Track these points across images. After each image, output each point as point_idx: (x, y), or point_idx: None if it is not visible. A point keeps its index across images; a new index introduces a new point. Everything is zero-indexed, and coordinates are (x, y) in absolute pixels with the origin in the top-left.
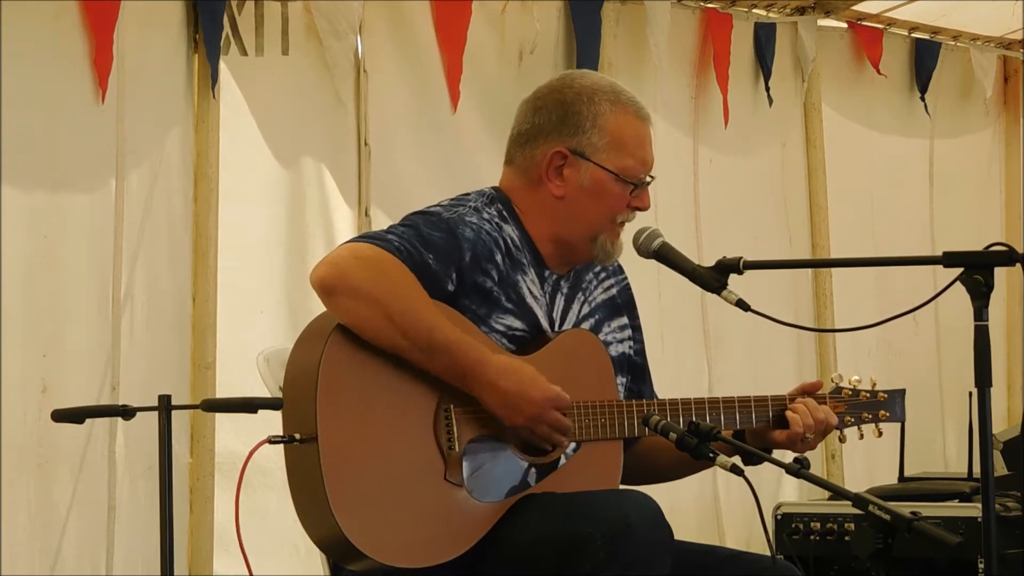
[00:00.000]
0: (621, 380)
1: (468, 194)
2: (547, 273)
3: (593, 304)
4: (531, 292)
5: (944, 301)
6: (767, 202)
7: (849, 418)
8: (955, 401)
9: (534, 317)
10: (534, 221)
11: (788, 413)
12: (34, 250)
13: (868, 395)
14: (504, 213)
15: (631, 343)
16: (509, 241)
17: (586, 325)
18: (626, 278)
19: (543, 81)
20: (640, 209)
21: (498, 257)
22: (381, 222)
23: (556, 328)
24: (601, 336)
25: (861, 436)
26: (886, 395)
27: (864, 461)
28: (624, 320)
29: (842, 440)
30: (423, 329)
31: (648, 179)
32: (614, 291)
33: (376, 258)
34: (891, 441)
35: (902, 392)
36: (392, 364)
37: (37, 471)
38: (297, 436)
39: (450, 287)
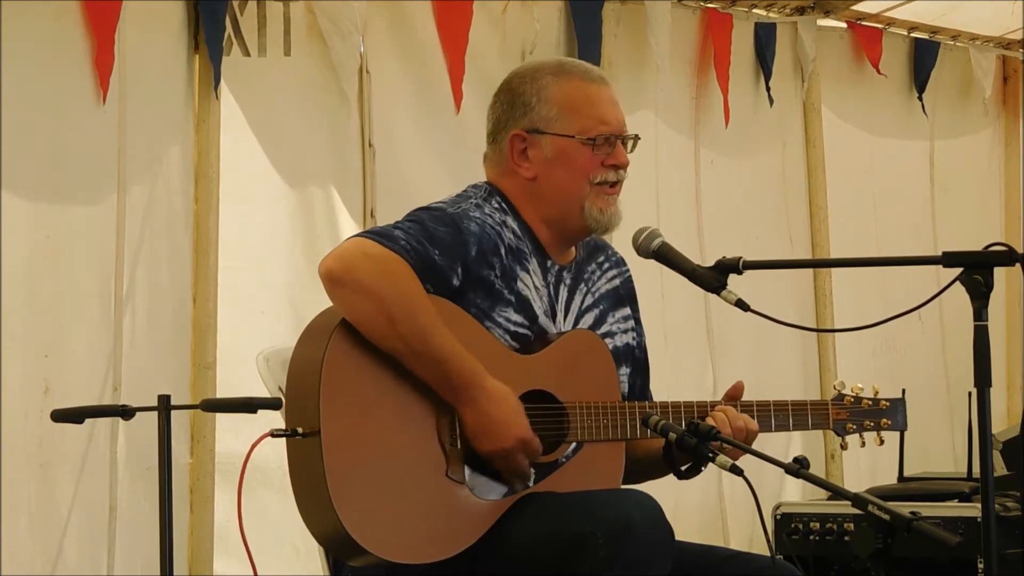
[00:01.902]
0: (624, 371)
1: (466, 191)
2: (549, 263)
3: (597, 295)
4: (533, 283)
5: (949, 301)
6: (767, 202)
7: (851, 425)
8: (962, 401)
9: (535, 311)
10: (525, 209)
11: (708, 420)
12: (36, 251)
13: (870, 403)
14: (504, 205)
15: (634, 334)
16: (511, 233)
17: (590, 315)
18: (628, 270)
19: None
20: (618, 166)
21: (502, 250)
22: (385, 223)
23: (559, 319)
24: (605, 326)
25: (863, 444)
26: (888, 403)
27: (864, 461)
28: (627, 311)
29: (844, 447)
30: (421, 336)
31: (616, 136)
32: (617, 281)
33: (384, 258)
34: (891, 441)
35: (903, 400)
36: (396, 360)
37: (39, 471)
38: (300, 430)
39: (455, 282)
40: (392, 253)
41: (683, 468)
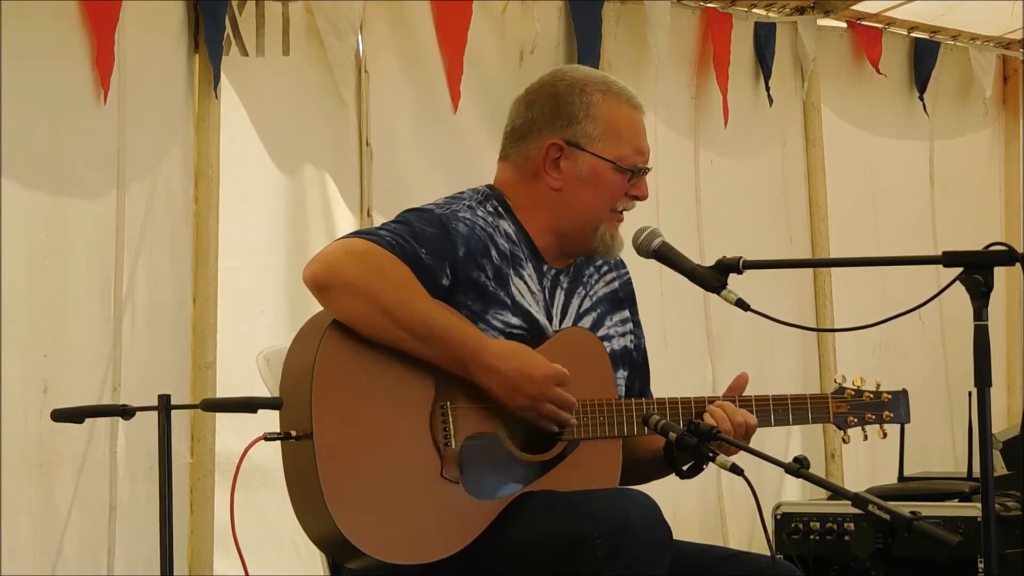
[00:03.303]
0: (621, 374)
1: (462, 192)
2: (545, 268)
3: (595, 298)
4: (528, 287)
5: (949, 301)
6: (767, 202)
7: (852, 419)
8: (962, 401)
9: (531, 313)
10: (531, 215)
11: (705, 416)
12: (36, 250)
13: (872, 396)
14: (499, 209)
15: (632, 337)
16: (504, 236)
17: (588, 319)
18: (627, 272)
19: None
20: (639, 198)
21: (493, 252)
22: (382, 222)
23: (555, 323)
24: (603, 330)
25: (865, 437)
26: (890, 396)
27: (864, 461)
28: (625, 314)
29: (846, 441)
30: (419, 319)
31: (646, 168)
32: (616, 284)
33: (368, 252)
34: (892, 441)
35: (905, 393)
36: (388, 361)
37: (38, 471)
38: (293, 433)
39: (444, 281)
40: (377, 246)
41: (685, 468)
